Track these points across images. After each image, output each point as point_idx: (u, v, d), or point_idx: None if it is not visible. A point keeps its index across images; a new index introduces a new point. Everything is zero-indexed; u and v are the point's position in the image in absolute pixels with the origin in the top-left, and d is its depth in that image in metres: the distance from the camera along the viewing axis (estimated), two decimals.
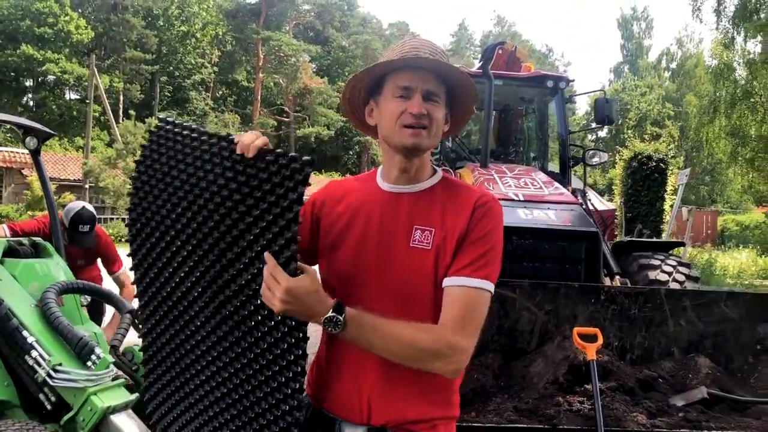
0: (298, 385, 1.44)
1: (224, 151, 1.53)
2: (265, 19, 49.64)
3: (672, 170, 16.33)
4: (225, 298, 1.54)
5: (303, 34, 53.64)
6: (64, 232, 4.57)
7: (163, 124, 1.74)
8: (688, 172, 13.19)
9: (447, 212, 1.55)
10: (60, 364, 2.75)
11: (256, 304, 1.47)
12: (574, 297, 4.05)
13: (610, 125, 7.16)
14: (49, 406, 2.78)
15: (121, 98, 42.23)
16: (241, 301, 1.51)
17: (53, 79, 41.57)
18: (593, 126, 8.89)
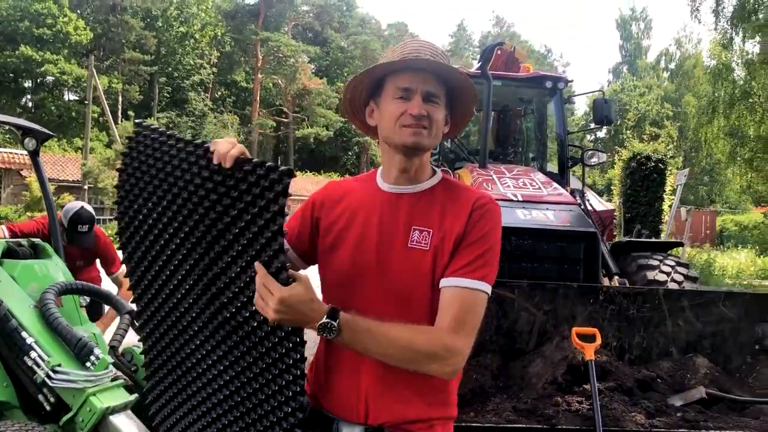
0: (299, 387, 1.44)
1: (201, 161, 1.50)
2: (263, 19, 49.63)
3: (671, 170, 16.32)
4: (220, 304, 1.53)
5: (302, 35, 53.62)
6: (63, 233, 4.57)
7: (140, 129, 1.69)
8: (687, 172, 13.19)
9: (445, 213, 1.55)
10: (59, 365, 2.75)
11: (251, 311, 1.46)
12: (573, 297, 4.05)
13: (608, 126, 7.18)
14: (48, 407, 2.77)
15: (120, 99, 42.16)
16: (237, 308, 1.50)
17: (52, 80, 41.46)
18: (592, 126, 8.88)
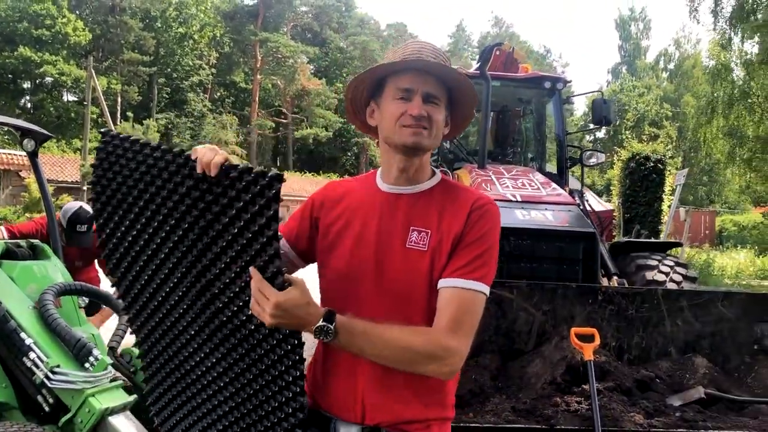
0: (299, 388, 1.45)
1: (183, 169, 1.47)
2: (262, 20, 49.63)
3: (670, 171, 16.31)
4: (216, 309, 1.52)
5: (301, 36, 53.64)
6: (62, 233, 4.57)
7: (108, 138, 1.62)
8: (686, 172, 13.19)
9: (444, 214, 1.55)
10: (58, 366, 2.75)
11: (247, 315, 1.45)
12: (572, 297, 4.06)
13: (607, 126, 7.18)
14: (47, 408, 2.78)
15: (119, 100, 42.12)
16: (233, 312, 1.49)
17: (51, 81, 41.40)
18: (591, 127, 8.88)
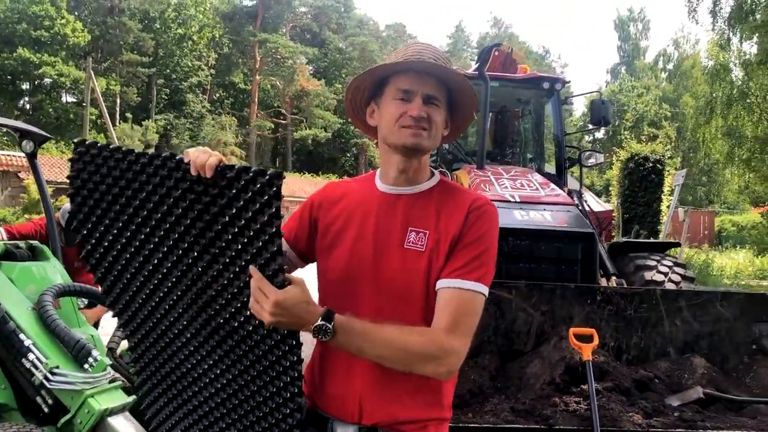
0: (297, 389, 1.45)
1: (176, 173, 1.46)
2: (261, 21, 49.65)
3: (669, 171, 16.31)
4: (214, 310, 1.51)
5: (300, 36, 53.66)
6: (61, 233, 4.57)
7: (84, 149, 1.55)
8: (685, 173, 13.20)
9: (442, 215, 1.56)
10: (57, 367, 2.75)
11: (246, 315, 1.45)
12: (570, 298, 4.06)
13: (606, 126, 7.19)
14: (46, 409, 2.78)
15: (118, 101, 42.13)
16: (230, 314, 1.48)
17: (50, 83, 41.37)
18: (590, 127, 8.89)
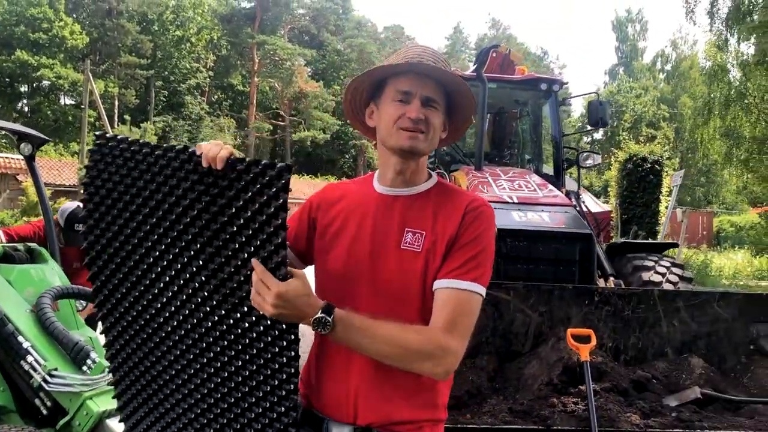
0: (293, 386, 1.45)
1: (187, 165, 1.49)
2: (260, 23, 49.63)
3: (667, 172, 16.30)
4: (211, 307, 1.52)
5: (298, 38, 53.65)
6: (60, 233, 4.59)
7: (103, 141, 1.62)
8: (683, 173, 13.22)
9: (439, 216, 1.56)
10: (56, 369, 2.76)
11: (242, 311, 1.46)
12: (568, 299, 4.07)
13: (603, 127, 7.23)
14: (45, 411, 2.79)
15: (116, 103, 42.11)
16: (227, 310, 1.49)
17: (48, 85, 41.36)
18: (588, 128, 8.90)
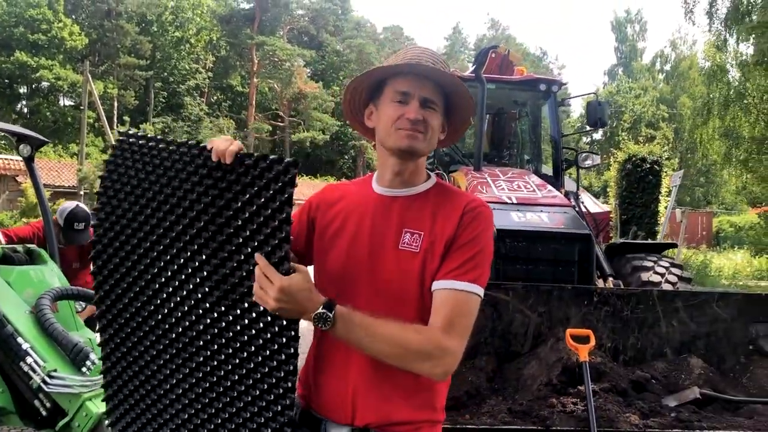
0: (290, 384, 1.45)
1: (197, 159, 1.53)
2: (259, 24, 49.59)
3: (666, 172, 16.32)
4: (211, 303, 1.53)
5: (297, 39, 53.61)
6: (59, 233, 4.59)
7: (125, 138, 1.70)
8: (682, 173, 13.22)
9: (437, 217, 1.57)
10: (55, 370, 2.76)
11: (243, 308, 1.47)
12: (567, 299, 4.07)
13: (602, 128, 7.21)
14: (44, 412, 2.79)
15: (116, 104, 42.10)
16: (227, 306, 1.50)
17: (47, 86, 41.37)
18: (587, 129, 8.90)
